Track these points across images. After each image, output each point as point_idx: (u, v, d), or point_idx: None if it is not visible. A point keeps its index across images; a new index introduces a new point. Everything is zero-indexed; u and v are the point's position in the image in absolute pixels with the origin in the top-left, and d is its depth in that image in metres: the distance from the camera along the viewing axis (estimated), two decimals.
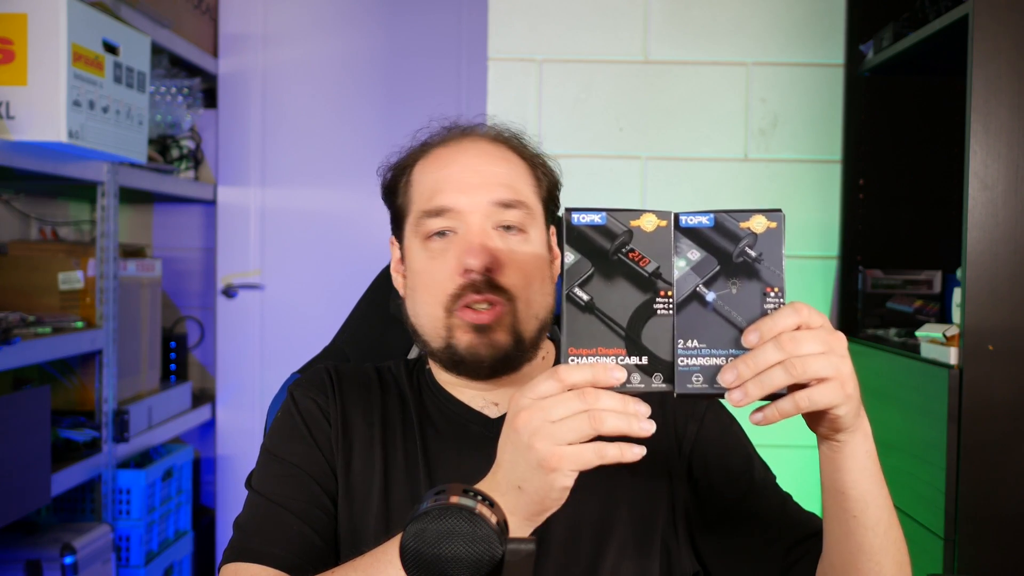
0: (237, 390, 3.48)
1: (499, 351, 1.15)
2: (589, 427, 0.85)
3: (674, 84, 2.64)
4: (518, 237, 1.16)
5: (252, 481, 1.19)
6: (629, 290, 0.89)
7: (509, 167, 1.19)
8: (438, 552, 0.80)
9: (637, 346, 0.88)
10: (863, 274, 2.54)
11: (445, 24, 3.44)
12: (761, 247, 0.89)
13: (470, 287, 1.13)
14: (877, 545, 0.97)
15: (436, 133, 1.24)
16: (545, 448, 0.86)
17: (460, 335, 1.15)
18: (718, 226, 0.90)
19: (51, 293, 2.45)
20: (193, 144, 3.34)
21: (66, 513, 2.62)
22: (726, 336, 0.88)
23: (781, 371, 0.84)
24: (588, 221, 0.89)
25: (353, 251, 3.43)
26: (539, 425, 0.86)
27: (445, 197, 1.16)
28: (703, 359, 0.88)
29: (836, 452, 0.94)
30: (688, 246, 0.89)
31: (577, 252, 0.89)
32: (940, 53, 2.27)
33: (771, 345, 0.85)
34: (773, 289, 0.89)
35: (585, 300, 0.89)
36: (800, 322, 0.86)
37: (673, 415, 1.21)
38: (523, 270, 1.15)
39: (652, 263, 0.89)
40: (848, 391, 0.87)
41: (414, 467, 1.18)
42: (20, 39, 2.12)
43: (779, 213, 0.90)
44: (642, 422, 0.86)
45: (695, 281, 0.89)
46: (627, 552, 1.15)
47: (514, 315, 1.14)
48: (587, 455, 0.86)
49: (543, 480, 0.87)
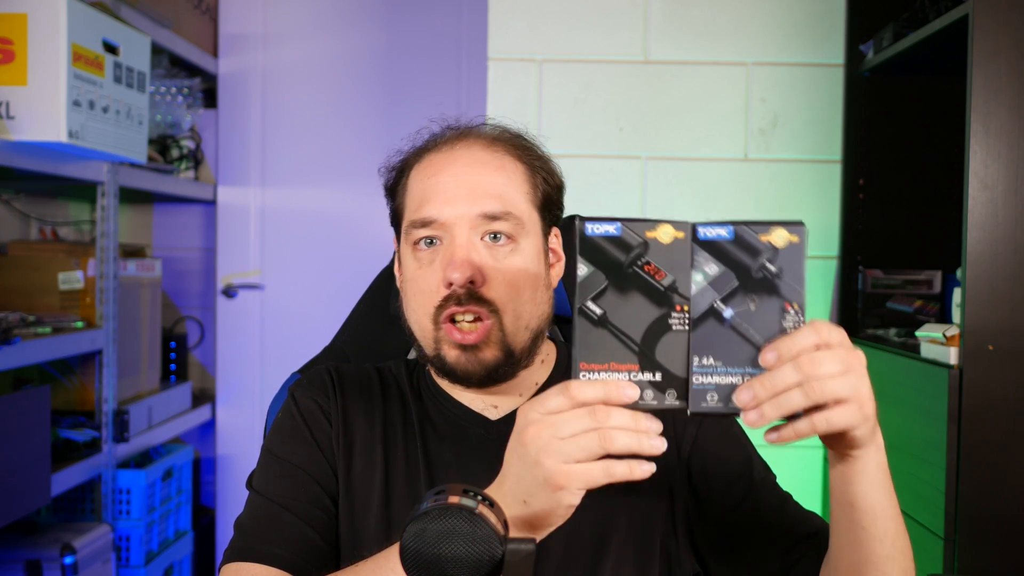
0: (237, 390, 3.48)
1: (487, 367, 1.14)
2: (598, 446, 0.84)
3: (674, 84, 2.64)
4: (507, 248, 1.15)
5: (253, 481, 1.19)
6: (644, 304, 0.86)
7: (501, 176, 1.17)
8: (438, 552, 0.80)
9: (651, 362, 0.86)
10: (863, 274, 2.54)
11: (445, 24, 3.44)
12: (782, 262, 0.86)
13: (453, 299, 1.12)
14: (884, 555, 0.97)
15: (435, 135, 1.23)
16: (553, 465, 0.85)
17: (448, 350, 1.14)
18: (737, 239, 0.86)
19: (51, 293, 2.45)
20: (193, 144, 3.33)
21: (66, 513, 2.62)
22: (743, 354, 0.86)
23: (799, 394, 0.83)
24: (603, 232, 0.87)
25: (353, 251, 3.42)
26: (547, 441, 0.85)
27: (431, 208, 1.15)
28: (718, 377, 0.86)
29: (848, 466, 0.93)
30: (706, 259, 0.86)
31: (590, 264, 0.86)
32: (940, 53, 2.27)
33: (789, 366, 0.83)
34: (793, 306, 0.86)
35: (598, 314, 0.86)
36: (819, 342, 0.84)
37: (672, 416, 1.21)
38: (510, 282, 1.14)
39: (668, 276, 0.86)
40: (866, 412, 0.85)
41: (415, 468, 1.18)
42: (20, 39, 2.12)
43: (801, 227, 0.86)
44: (653, 440, 0.85)
45: (712, 297, 0.86)
46: (627, 555, 1.15)
47: (502, 329, 1.13)
48: (595, 473, 0.85)
49: (549, 497, 0.86)
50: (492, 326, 1.13)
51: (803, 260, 0.87)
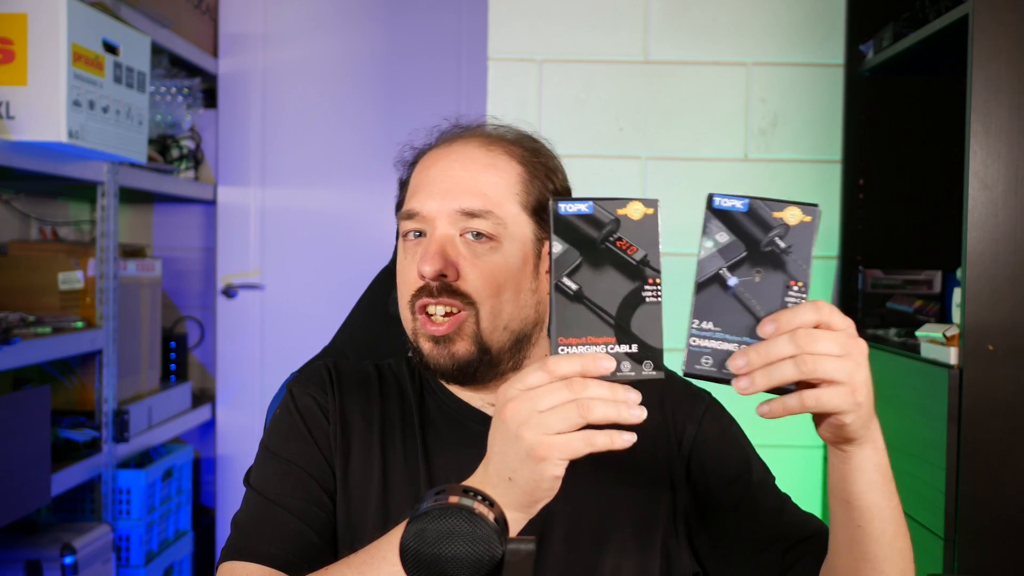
0: (237, 390, 3.48)
1: (459, 361, 1.14)
2: (577, 415, 0.84)
3: (674, 84, 2.64)
4: (487, 246, 1.14)
5: (250, 478, 1.19)
6: (617, 278, 0.88)
7: (490, 174, 1.16)
8: (438, 552, 0.80)
9: (627, 334, 0.87)
10: (863, 274, 2.54)
11: (445, 24, 3.44)
12: (792, 239, 0.88)
13: (426, 291, 1.13)
14: (882, 555, 0.97)
15: (443, 131, 1.24)
16: (533, 437, 0.85)
17: (422, 342, 1.15)
18: (751, 212, 0.89)
19: (51, 293, 2.45)
20: (193, 144, 3.34)
21: (66, 513, 2.62)
22: (742, 323, 0.87)
23: (791, 365, 0.84)
24: (575, 211, 0.89)
25: (353, 251, 3.43)
26: (527, 415, 0.86)
27: (416, 201, 1.16)
28: (715, 342, 0.88)
29: (843, 462, 0.93)
30: (717, 227, 0.89)
31: (564, 242, 0.88)
32: (940, 53, 2.27)
33: (786, 338, 0.84)
34: (797, 283, 0.88)
35: (574, 289, 0.88)
36: (819, 320, 0.85)
37: (672, 416, 1.21)
38: (487, 277, 1.13)
39: (640, 251, 0.88)
40: (858, 399, 0.86)
41: (413, 465, 1.18)
42: (20, 39, 2.12)
43: (815, 208, 0.89)
44: (632, 409, 0.85)
45: (719, 263, 0.88)
46: (627, 552, 1.15)
47: (477, 324, 1.13)
48: (576, 443, 0.85)
49: (533, 470, 0.87)
50: (465, 319, 1.13)
51: (813, 241, 0.88)
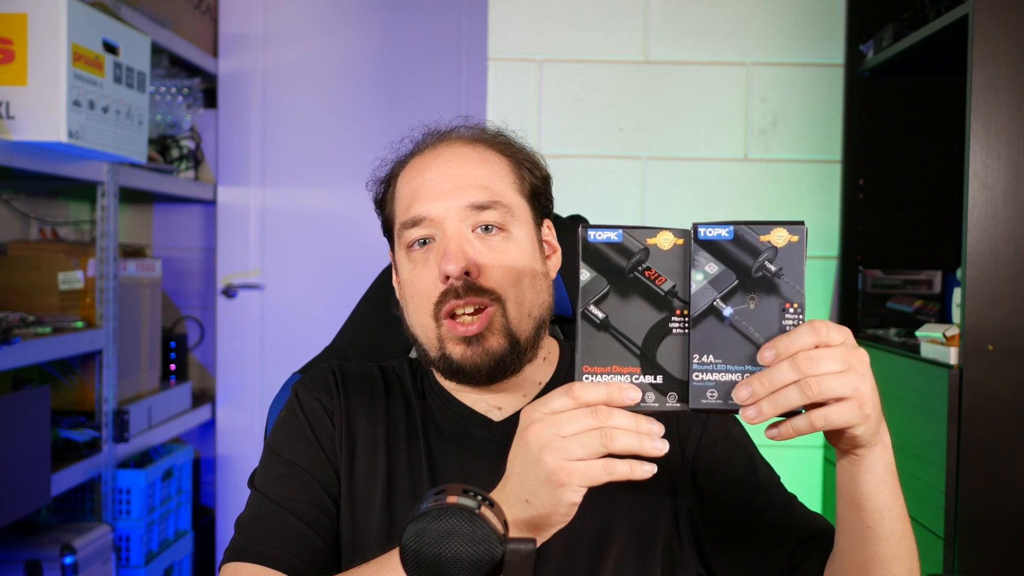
0: (237, 390, 3.48)
1: (494, 357, 1.14)
2: (600, 444, 0.85)
3: (674, 84, 2.64)
4: (499, 236, 1.15)
5: (255, 480, 1.19)
6: (645, 308, 0.88)
7: (486, 167, 1.18)
8: (438, 552, 0.80)
9: (652, 365, 0.88)
10: (863, 274, 2.54)
11: (445, 24, 3.44)
12: (781, 261, 0.87)
13: (451, 292, 1.12)
14: (890, 554, 0.97)
15: (417, 141, 1.24)
16: (554, 462, 0.85)
17: (452, 347, 1.14)
18: (738, 239, 0.88)
19: (51, 293, 2.45)
20: (193, 144, 3.33)
21: (66, 513, 2.62)
22: (742, 352, 0.87)
23: (796, 391, 0.84)
24: (604, 238, 0.89)
25: (353, 251, 3.42)
26: (549, 439, 0.86)
27: (420, 206, 1.16)
28: (718, 375, 0.87)
29: (854, 465, 0.93)
30: (706, 259, 0.88)
31: (593, 270, 0.89)
32: (940, 53, 2.26)
33: (787, 364, 0.84)
34: (792, 305, 0.87)
35: (600, 318, 0.88)
36: (818, 341, 0.84)
37: (676, 419, 1.21)
38: (507, 269, 1.14)
39: (668, 281, 0.88)
40: (866, 411, 0.86)
41: (418, 469, 1.18)
42: (20, 39, 2.12)
43: (801, 226, 0.88)
44: (655, 441, 0.86)
45: (712, 295, 0.88)
46: (628, 556, 1.15)
47: (505, 316, 1.14)
48: (596, 471, 0.86)
49: (551, 494, 0.87)
50: (494, 313, 1.13)
51: (803, 260, 0.88)
